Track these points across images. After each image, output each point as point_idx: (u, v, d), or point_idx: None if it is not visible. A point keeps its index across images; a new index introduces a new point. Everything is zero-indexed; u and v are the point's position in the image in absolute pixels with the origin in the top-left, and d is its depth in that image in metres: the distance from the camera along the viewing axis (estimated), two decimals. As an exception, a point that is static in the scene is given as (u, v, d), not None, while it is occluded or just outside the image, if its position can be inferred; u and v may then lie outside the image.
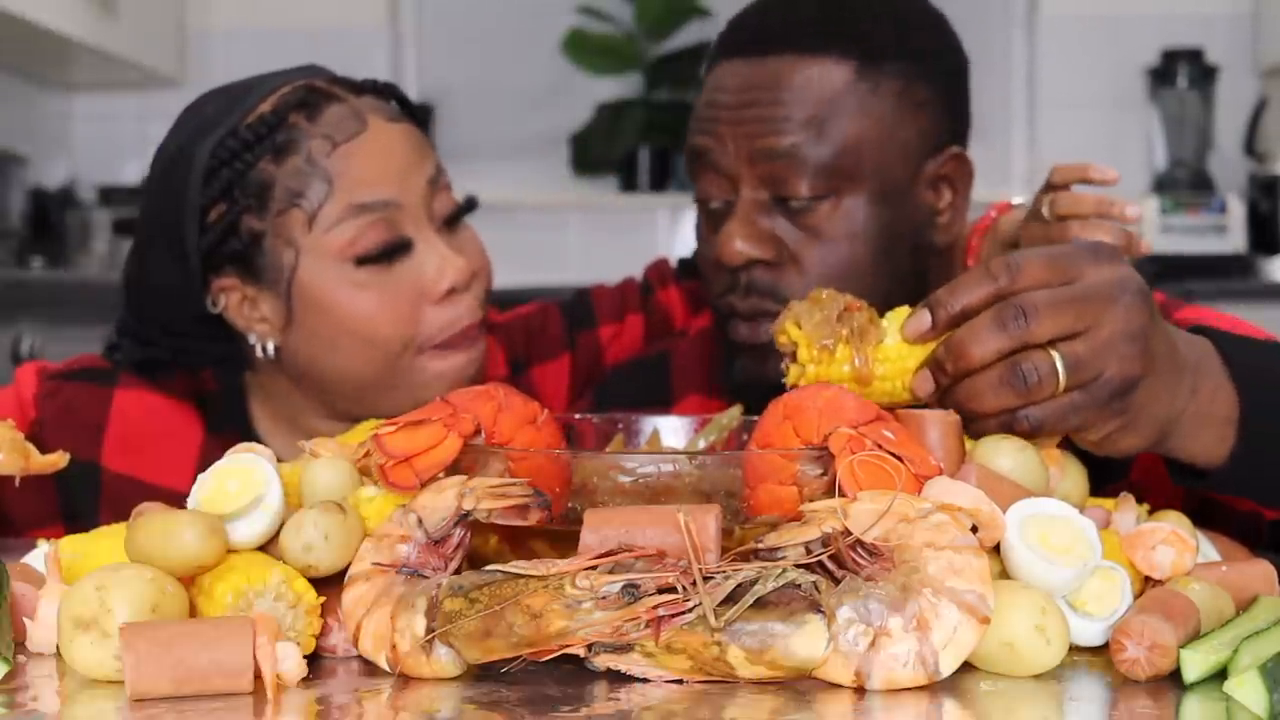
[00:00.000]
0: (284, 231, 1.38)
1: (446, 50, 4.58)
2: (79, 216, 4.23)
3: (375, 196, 1.38)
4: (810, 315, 1.06)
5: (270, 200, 1.38)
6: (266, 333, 1.43)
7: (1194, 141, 4.10)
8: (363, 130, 1.39)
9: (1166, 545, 0.95)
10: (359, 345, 1.40)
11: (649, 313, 1.69)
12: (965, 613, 0.81)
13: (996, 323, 0.96)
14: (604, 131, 4.60)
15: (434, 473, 0.93)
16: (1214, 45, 4.16)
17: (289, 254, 1.38)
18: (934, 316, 0.99)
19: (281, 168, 1.38)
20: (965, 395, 0.98)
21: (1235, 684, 0.80)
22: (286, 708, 0.81)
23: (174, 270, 1.42)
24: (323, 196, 1.37)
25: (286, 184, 1.37)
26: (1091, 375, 0.96)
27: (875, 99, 1.37)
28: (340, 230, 1.37)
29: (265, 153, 1.38)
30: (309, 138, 1.38)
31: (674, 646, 0.81)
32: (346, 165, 1.38)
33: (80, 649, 0.84)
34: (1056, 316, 0.95)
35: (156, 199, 1.45)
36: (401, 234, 1.39)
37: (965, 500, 0.88)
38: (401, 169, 1.40)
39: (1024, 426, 0.97)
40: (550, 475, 0.94)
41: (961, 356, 0.97)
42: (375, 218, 1.38)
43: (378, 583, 0.87)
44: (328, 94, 1.41)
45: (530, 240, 4.27)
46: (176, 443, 1.49)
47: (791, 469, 0.92)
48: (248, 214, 1.38)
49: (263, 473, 0.93)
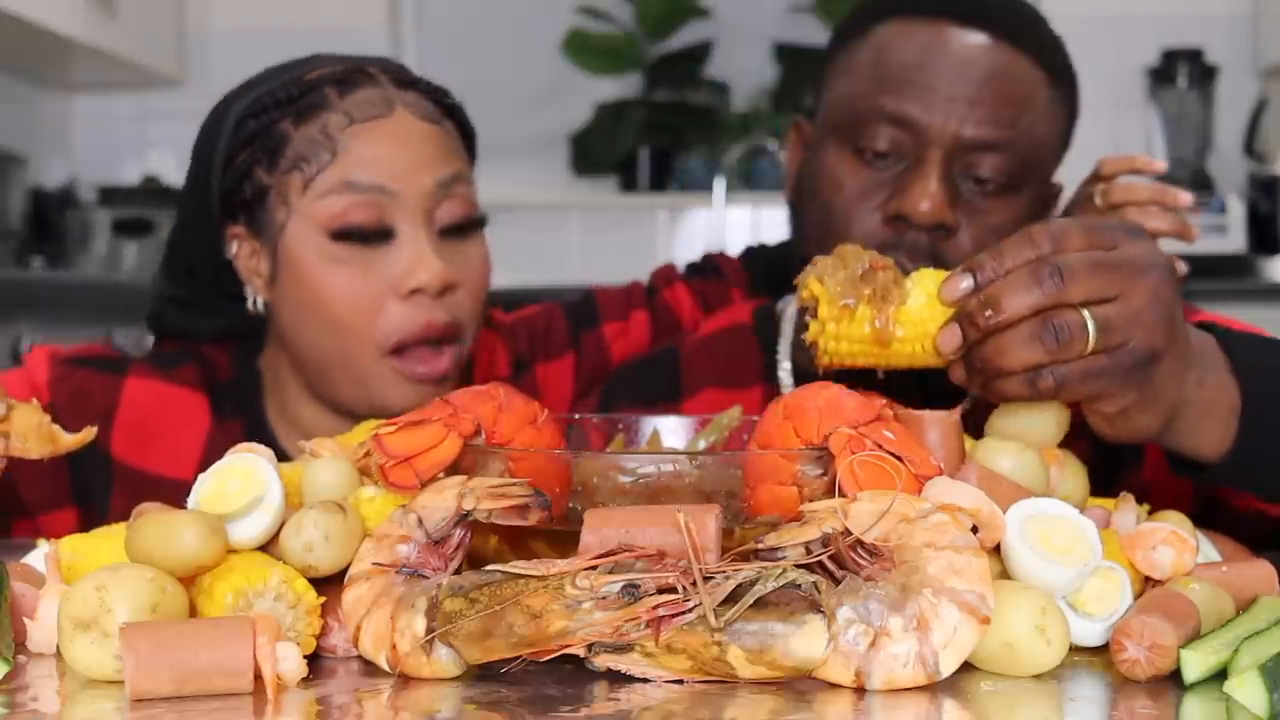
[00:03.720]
0: (283, 190, 1.42)
1: (446, 50, 4.59)
2: (79, 216, 4.23)
3: (370, 179, 1.40)
4: (834, 272, 1.06)
5: (280, 158, 1.42)
6: (260, 287, 1.47)
7: (1194, 141, 4.10)
8: (385, 116, 1.42)
9: (1166, 545, 0.95)
10: (322, 321, 1.42)
11: (655, 311, 1.70)
12: (965, 613, 0.81)
13: (1032, 278, 0.96)
14: (604, 131, 4.60)
15: (434, 473, 0.93)
16: (1214, 45, 4.16)
17: (282, 213, 1.42)
18: (975, 276, 0.99)
19: (299, 130, 1.42)
20: (993, 350, 0.97)
21: (1235, 684, 0.80)
22: (286, 708, 0.81)
23: (199, 213, 1.48)
24: (323, 165, 1.40)
25: (298, 147, 1.42)
26: (1120, 340, 0.96)
27: (1058, 112, 1.42)
28: (328, 201, 1.40)
29: (290, 113, 1.42)
30: (332, 110, 1.42)
31: (674, 646, 0.81)
32: (354, 143, 1.41)
33: (80, 649, 0.84)
34: (1091, 279, 0.96)
35: (198, 146, 1.51)
36: (387, 222, 1.40)
37: (965, 500, 0.88)
38: (410, 162, 1.41)
39: (1048, 383, 0.96)
40: (550, 475, 0.94)
41: (995, 309, 0.97)
42: (364, 199, 1.39)
43: (378, 583, 0.87)
44: (368, 76, 1.45)
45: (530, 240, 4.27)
46: (183, 432, 1.50)
47: (791, 469, 0.92)
48: (258, 166, 1.43)
49: (263, 473, 0.93)
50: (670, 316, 1.69)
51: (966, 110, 1.35)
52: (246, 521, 0.91)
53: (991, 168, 1.36)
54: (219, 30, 4.47)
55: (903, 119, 1.36)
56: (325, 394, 1.47)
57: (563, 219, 4.50)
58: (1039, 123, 1.39)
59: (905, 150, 1.37)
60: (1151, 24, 4.22)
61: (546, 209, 4.43)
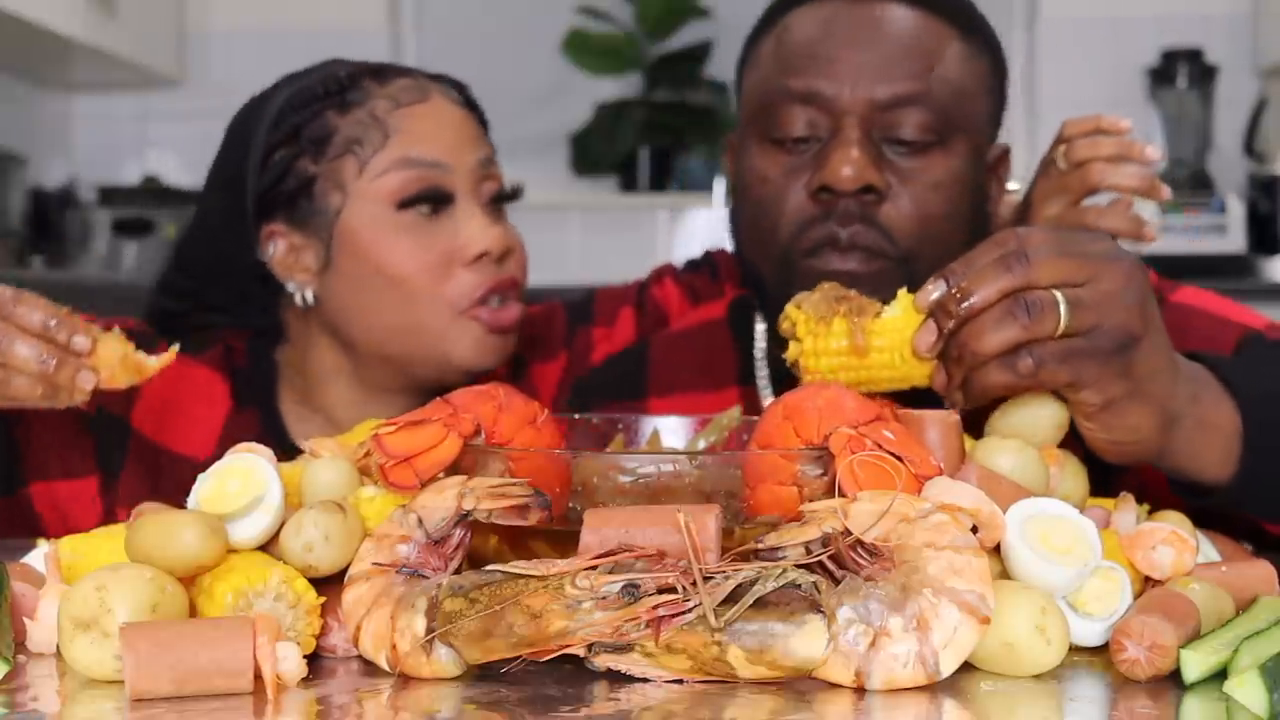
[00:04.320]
0: (335, 176, 1.47)
1: (446, 50, 4.58)
2: (79, 216, 4.23)
3: (427, 155, 1.47)
4: (809, 296, 1.08)
5: (328, 146, 1.47)
6: (306, 280, 1.50)
7: (1194, 141, 4.10)
8: (425, 99, 1.49)
9: (1166, 545, 0.95)
10: (389, 292, 1.47)
11: (641, 306, 1.70)
12: (965, 613, 0.81)
13: (1000, 263, 0.97)
14: (604, 131, 4.60)
15: (434, 473, 0.93)
16: (1214, 45, 4.16)
17: (336, 197, 1.47)
18: (948, 282, 1.00)
19: (345, 119, 1.47)
20: (969, 335, 0.98)
21: (1235, 684, 0.80)
22: (286, 708, 0.81)
23: (231, 214, 1.51)
24: (378, 146, 1.46)
25: (346, 133, 1.47)
26: (1093, 321, 0.97)
27: (973, 63, 1.38)
28: (388, 178, 1.46)
29: (333, 105, 1.48)
30: (376, 97, 1.48)
31: (674, 646, 0.81)
32: (405, 123, 1.47)
33: (80, 649, 0.84)
34: (1059, 264, 0.97)
35: (228, 148, 1.54)
36: (447, 190, 1.47)
37: (965, 500, 0.88)
38: (456, 140, 1.49)
39: (1026, 364, 0.97)
40: (550, 475, 0.94)
41: (965, 293, 0.98)
42: (424, 172, 1.46)
43: (378, 583, 0.87)
44: (398, 69, 1.52)
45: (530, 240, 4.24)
46: (203, 411, 1.53)
47: (791, 469, 0.92)
48: (303, 158, 1.47)
49: (263, 473, 0.93)
50: (658, 312, 1.70)
51: (874, 72, 1.34)
52: (246, 521, 0.91)
53: (913, 125, 1.33)
54: (219, 30, 4.47)
55: (811, 94, 1.34)
56: (391, 367, 1.50)
57: (563, 219, 4.50)
58: (953, 72, 1.36)
59: (821, 129, 1.35)
60: (1151, 24, 4.21)
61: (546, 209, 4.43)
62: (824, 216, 1.34)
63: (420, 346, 1.48)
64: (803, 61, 1.36)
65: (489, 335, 1.48)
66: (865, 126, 1.34)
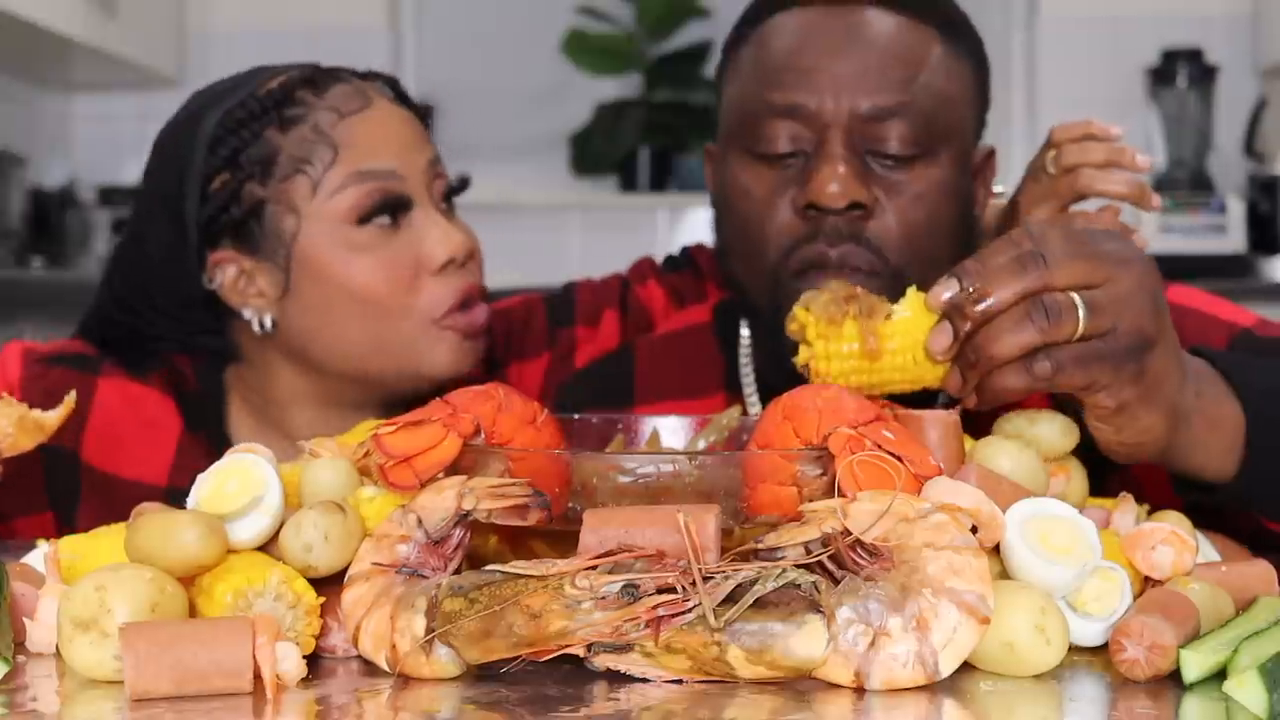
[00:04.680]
0: (286, 199, 1.41)
1: (446, 50, 4.58)
2: (79, 216, 4.23)
3: (379, 165, 1.42)
4: (817, 298, 1.06)
5: (274, 168, 1.41)
6: (263, 306, 1.45)
7: (1194, 141, 4.10)
8: (368, 106, 1.45)
9: (1166, 545, 0.95)
10: (356, 311, 1.43)
11: (625, 309, 1.67)
12: (965, 613, 0.81)
13: (1017, 264, 0.96)
14: (604, 131, 4.60)
15: (434, 473, 0.93)
16: (1214, 45, 4.16)
17: (290, 220, 1.42)
18: (960, 281, 0.98)
19: (288, 137, 1.42)
20: (985, 338, 0.96)
21: (1235, 684, 0.80)
22: (286, 708, 0.81)
23: (172, 244, 1.45)
24: (328, 163, 1.41)
25: (292, 152, 1.41)
26: (1110, 324, 0.96)
27: (956, 67, 1.36)
28: (343, 196, 1.41)
29: (272, 123, 1.42)
30: (316, 110, 1.43)
31: (674, 646, 0.81)
32: (352, 135, 1.42)
33: (80, 649, 0.84)
34: (1076, 265, 0.96)
35: (159, 172, 1.48)
36: (403, 195, 1.44)
37: (965, 500, 0.87)
38: (404, 145, 1.45)
39: (1044, 367, 0.95)
40: (550, 475, 0.94)
41: (981, 294, 0.96)
42: (378, 184, 1.42)
43: (378, 583, 0.87)
44: (334, 74, 1.47)
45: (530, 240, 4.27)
46: (154, 435, 1.48)
47: (791, 469, 0.92)
48: (250, 182, 1.42)
49: (262, 473, 0.93)
50: (643, 315, 1.67)
51: (855, 83, 1.31)
52: (246, 521, 0.91)
53: (897, 136, 1.31)
54: (219, 30, 4.47)
55: (792, 108, 1.32)
56: (353, 395, 1.47)
57: (563, 219, 4.50)
58: (936, 80, 1.33)
59: (805, 143, 1.32)
60: (1151, 24, 4.21)
61: (546, 209, 4.43)
62: (812, 236, 1.32)
63: (391, 361, 1.44)
64: (783, 74, 1.33)
65: (464, 341, 1.46)
66: (849, 139, 1.31)
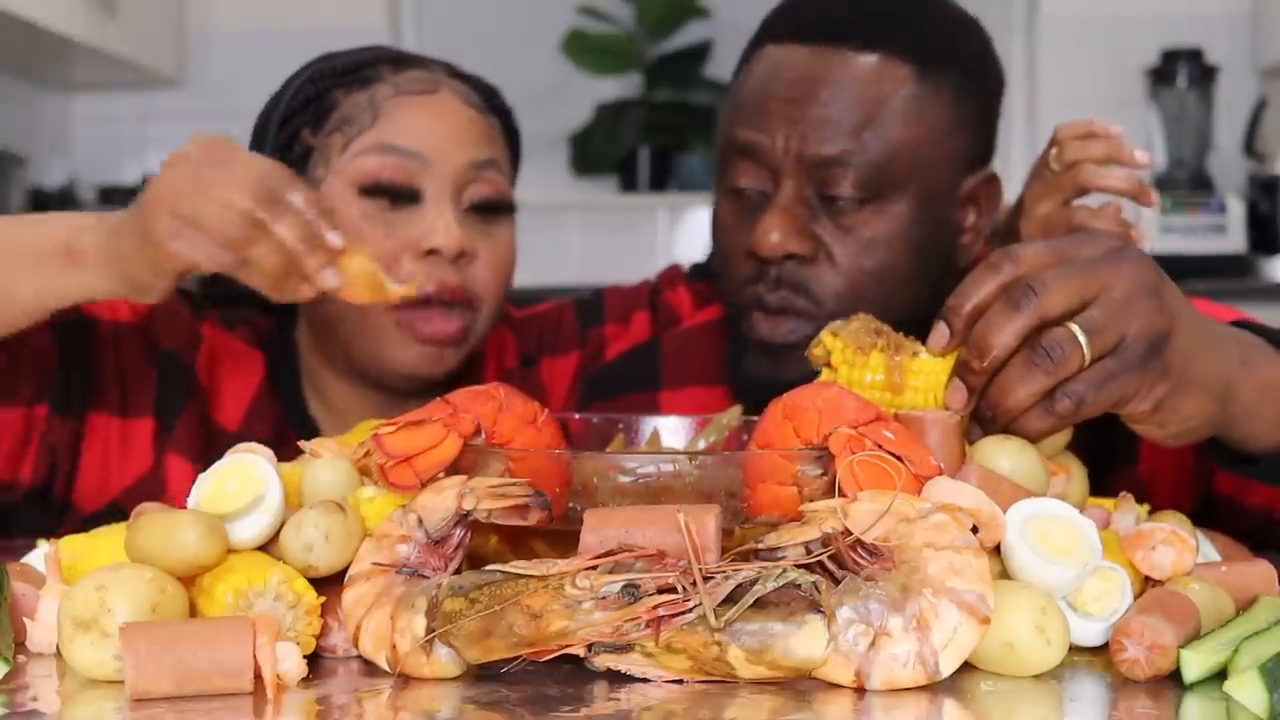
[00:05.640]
0: (325, 151, 1.47)
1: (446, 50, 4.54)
2: (79, 216, 4.22)
3: (406, 144, 1.45)
4: (846, 325, 1.07)
5: (327, 121, 1.47)
6: None
7: (1194, 141, 4.10)
8: (430, 93, 1.48)
9: (1166, 545, 0.95)
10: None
11: (655, 310, 1.70)
12: (965, 613, 0.81)
13: (1009, 305, 0.95)
14: (604, 131, 4.60)
15: (434, 473, 0.93)
16: (1214, 45, 4.16)
17: (321, 171, 1.47)
18: (949, 324, 0.99)
19: (349, 98, 1.48)
20: (997, 393, 0.96)
21: (1235, 684, 0.80)
22: (286, 708, 0.81)
23: None
24: (364, 127, 1.46)
25: (344, 112, 1.47)
26: (1114, 338, 0.94)
27: (931, 105, 1.35)
28: (363, 160, 1.45)
29: (344, 83, 1.48)
30: (383, 83, 1.48)
31: (674, 646, 0.81)
32: (399, 111, 1.46)
33: (80, 649, 0.84)
34: (1065, 287, 0.94)
35: (258, 122, 1.54)
36: (415, 186, 1.45)
37: (965, 500, 0.87)
38: (447, 138, 1.47)
39: (1066, 405, 0.94)
40: (550, 475, 0.94)
41: (983, 347, 0.96)
42: (397, 161, 1.45)
43: (378, 583, 0.87)
44: (421, 61, 1.52)
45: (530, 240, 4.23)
46: (238, 383, 1.53)
47: (791, 469, 0.92)
48: (306, 129, 1.48)
49: (263, 473, 0.93)
50: (672, 316, 1.70)
51: (806, 129, 1.32)
52: (246, 521, 0.91)
53: (845, 183, 1.32)
54: (219, 30, 4.47)
55: (749, 147, 1.35)
56: (342, 357, 1.50)
57: (563, 219, 4.49)
58: (896, 124, 1.32)
59: (761, 180, 1.35)
60: (1151, 24, 4.21)
61: (546, 209, 4.42)
62: (756, 278, 1.35)
63: (359, 340, 1.47)
64: (747, 112, 1.36)
65: (417, 344, 1.45)
66: (800, 183, 1.33)
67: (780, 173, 1.34)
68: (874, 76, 1.33)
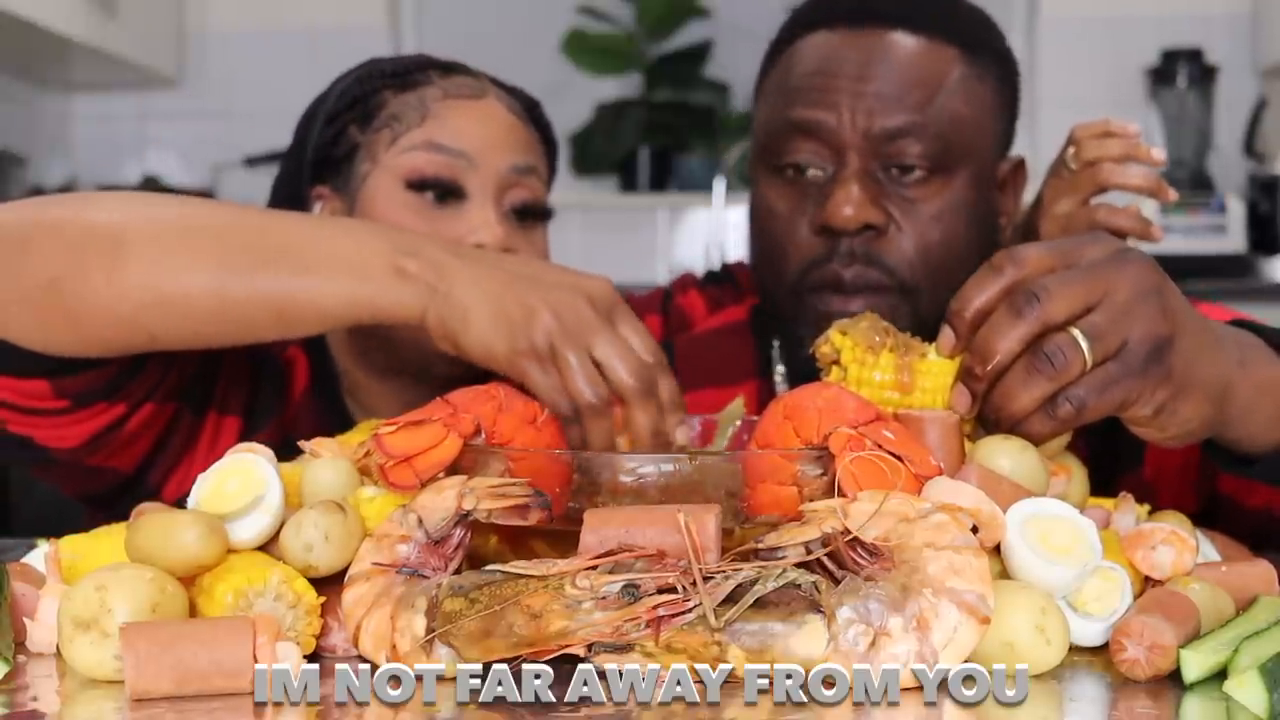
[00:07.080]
0: (372, 147, 1.49)
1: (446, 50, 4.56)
2: (79, 216, 4.22)
3: (453, 144, 1.47)
4: (855, 324, 1.07)
5: (375, 119, 1.50)
6: None
7: (1194, 141, 4.10)
8: (477, 98, 1.51)
9: (1166, 545, 0.95)
10: None
11: (667, 314, 1.72)
12: (965, 613, 0.81)
13: (1011, 311, 0.95)
14: (604, 131, 4.60)
15: (434, 473, 0.93)
16: (1214, 45, 4.16)
17: (366, 167, 1.49)
18: (954, 326, 0.99)
19: (397, 98, 1.50)
20: (1001, 398, 0.96)
21: (1235, 684, 0.80)
22: (286, 707, 0.81)
23: (291, 177, 1.55)
24: (413, 125, 1.49)
25: (393, 110, 1.50)
26: (1117, 343, 0.94)
27: (977, 87, 1.40)
28: (410, 156, 1.47)
29: (394, 84, 1.51)
30: (432, 85, 1.51)
31: (674, 646, 0.81)
32: (447, 112, 1.49)
33: (80, 649, 0.84)
34: (1068, 292, 0.94)
35: (301, 120, 1.57)
36: (461, 183, 1.47)
37: (965, 500, 0.87)
38: (492, 141, 1.49)
39: (1067, 410, 0.95)
40: (550, 475, 0.94)
41: (987, 353, 0.96)
42: (444, 159, 1.47)
43: (378, 583, 0.87)
44: (466, 68, 1.56)
45: (530, 240, 4.26)
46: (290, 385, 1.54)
47: (791, 469, 0.92)
48: (354, 125, 1.51)
49: (263, 473, 0.93)
50: (683, 320, 1.72)
51: (872, 103, 1.35)
52: (246, 521, 0.91)
53: (913, 156, 1.36)
54: (219, 30, 4.47)
55: (812, 126, 1.37)
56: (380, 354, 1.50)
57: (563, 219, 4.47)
58: (954, 101, 1.37)
59: (824, 161, 1.37)
60: (1151, 24, 4.21)
61: (546, 209, 4.43)
62: (827, 256, 1.37)
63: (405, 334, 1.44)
64: (805, 93, 1.38)
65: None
66: (866, 159, 1.35)
67: (845, 149, 1.36)
68: (928, 57, 1.38)
